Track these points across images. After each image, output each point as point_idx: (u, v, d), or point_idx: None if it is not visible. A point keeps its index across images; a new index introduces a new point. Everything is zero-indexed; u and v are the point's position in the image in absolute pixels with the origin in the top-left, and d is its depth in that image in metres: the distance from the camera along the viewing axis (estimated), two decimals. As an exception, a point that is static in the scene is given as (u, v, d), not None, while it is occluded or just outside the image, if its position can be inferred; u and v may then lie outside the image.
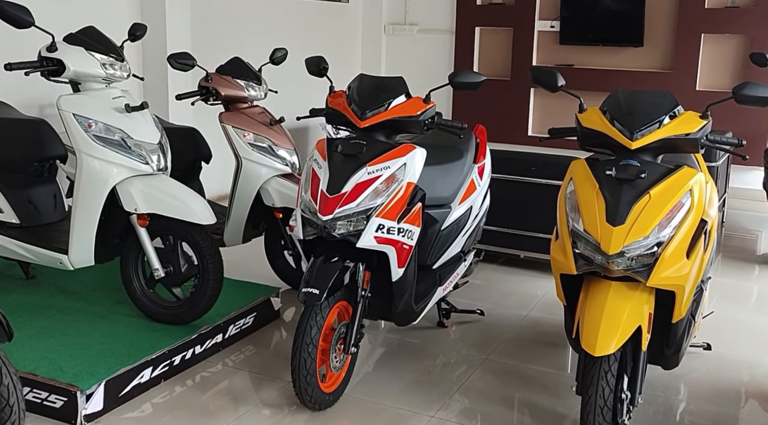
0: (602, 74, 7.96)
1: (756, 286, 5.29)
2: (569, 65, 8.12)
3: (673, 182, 2.91)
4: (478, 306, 4.50)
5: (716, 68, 7.68)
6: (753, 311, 4.76)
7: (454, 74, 3.48)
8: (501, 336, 4.20)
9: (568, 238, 2.96)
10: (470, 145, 4.19)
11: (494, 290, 4.94)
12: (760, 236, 6.52)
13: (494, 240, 5.27)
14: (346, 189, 3.19)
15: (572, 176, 3.09)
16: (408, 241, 3.32)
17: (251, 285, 4.38)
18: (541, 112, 8.35)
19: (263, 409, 3.35)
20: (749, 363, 3.95)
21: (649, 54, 7.90)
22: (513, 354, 4.00)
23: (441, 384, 3.63)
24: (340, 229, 3.18)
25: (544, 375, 3.77)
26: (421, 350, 4.02)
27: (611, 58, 8.03)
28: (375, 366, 3.83)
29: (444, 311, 4.30)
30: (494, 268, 5.33)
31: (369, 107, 3.35)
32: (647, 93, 3.10)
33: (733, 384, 3.73)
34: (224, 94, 4.52)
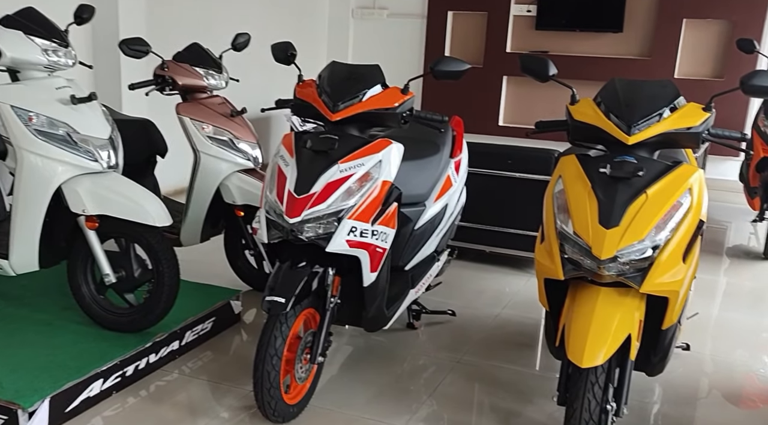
0: (579, 61, 7.87)
1: (725, 279, 5.25)
2: (544, 52, 8.02)
3: (672, 180, 2.78)
4: (449, 306, 4.38)
5: (696, 55, 7.62)
6: (726, 308, 4.72)
7: (436, 63, 3.31)
8: (472, 336, 4.08)
9: (556, 241, 2.82)
10: (447, 138, 4.05)
11: (466, 288, 4.82)
12: (729, 228, 6.50)
13: (465, 236, 5.14)
14: (316, 189, 3.02)
15: (561, 174, 2.95)
16: (382, 244, 3.16)
17: (210, 288, 4.20)
18: (512, 101, 8.24)
19: (222, 421, 3.18)
20: (728, 364, 3.89)
21: (628, 40, 7.82)
22: (485, 355, 3.87)
23: (411, 391, 3.50)
24: (309, 232, 3.01)
25: (518, 378, 3.65)
26: (390, 354, 3.88)
27: (589, 44, 7.94)
28: (341, 372, 3.68)
29: (414, 313, 4.16)
30: (464, 265, 5.20)
31: (342, 98, 3.18)
32: (647, 83, 2.96)
33: (712, 386, 3.66)
34: (181, 83, 4.31)
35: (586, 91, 7.08)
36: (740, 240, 6.22)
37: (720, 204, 6.96)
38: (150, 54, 4.30)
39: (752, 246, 5.96)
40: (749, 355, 4.01)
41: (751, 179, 5.76)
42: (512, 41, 8.19)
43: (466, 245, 5.19)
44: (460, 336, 4.09)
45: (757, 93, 2.90)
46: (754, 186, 5.71)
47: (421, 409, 3.34)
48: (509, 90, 8.22)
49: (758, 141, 5.48)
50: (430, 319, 4.26)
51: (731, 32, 7.32)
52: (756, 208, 5.75)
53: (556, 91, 7.86)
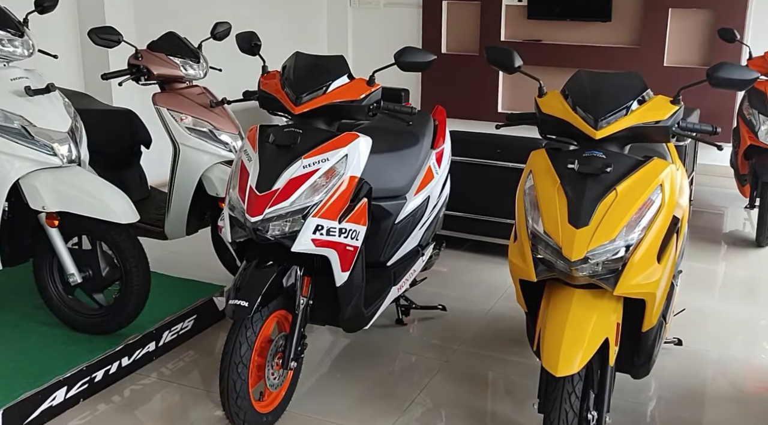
0: (570, 50, 7.48)
1: (722, 268, 4.84)
2: (537, 40, 7.63)
3: (642, 176, 2.45)
4: (441, 299, 4.02)
5: (684, 43, 7.22)
6: (720, 299, 4.32)
7: (400, 53, 2.96)
8: (463, 334, 3.72)
9: (527, 240, 2.49)
10: (428, 129, 3.70)
11: (459, 280, 4.47)
12: (726, 213, 6.11)
13: (459, 226, 4.83)
14: (278, 185, 2.69)
15: (531, 169, 2.62)
16: (352, 242, 2.83)
17: (192, 283, 3.87)
18: (511, 87, 7.86)
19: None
20: (721, 359, 3.52)
21: (617, 29, 7.43)
22: (475, 355, 3.51)
23: (396, 395, 3.15)
24: (274, 230, 2.68)
25: (508, 380, 3.30)
26: (376, 352, 3.52)
27: (579, 33, 7.55)
28: (323, 374, 3.34)
29: (403, 308, 3.82)
30: (459, 255, 4.84)
31: (305, 89, 2.84)
32: (613, 75, 2.63)
33: (706, 384, 3.31)
34: (157, 73, 3.96)
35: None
36: (736, 226, 5.83)
37: (715, 190, 6.56)
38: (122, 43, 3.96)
39: (747, 232, 5.59)
40: (743, 349, 3.64)
41: (740, 166, 5.39)
42: (506, 30, 7.78)
43: (457, 234, 4.87)
44: (451, 332, 3.73)
45: (724, 85, 2.58)
46: (743, 174, 5.34)
47: (405, 415, 3.00)
48: (506, 77, 7.81)
49: (744, 129, 5.10)
50: (420, 314, 3.90)
51: (716, 21, 6.93)
52: (746, 195, 5.37)
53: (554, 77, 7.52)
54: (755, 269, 4.76)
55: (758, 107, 4.97)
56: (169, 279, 3.87)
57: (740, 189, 5.52)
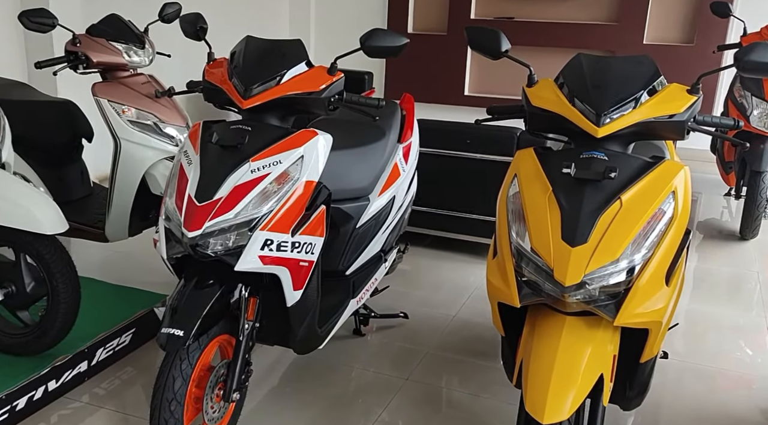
0: (544, 27, 7.15)
1: (701, 264, 4.56)
2: (510, 18, 7.29)
3: (652, 182, 2.10)
4: (403, 304, 3.73)
5: (666, 19, 6.91)
6: (702, 299, 4.03)
7: (367, 36, 2.59)
8: (426, 345, 3.41)
9: (510, 258, 2.14)
10: (394, 121, 3.34)
11: (421, 281, 4.14)
12: (699, 200, 5.83)
13: (421, 221, 4.49)
14: (221, 194, 2.32)
15: (517, 172, 2.27)
16: (307, 256, 2.47)
17: (131, 293, 3.51)
18: (478, 70, 7.50)
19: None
20: (710, 373, 3.25)
21: (593, 5, 7.10)
22: (438, 370, 3.22)
23: (352, 419, 2.85)
24: (215, 246, 2.31)
25: (474, 400, 3.00)
26: (330, 369, 3.20)
27: (554, 10, 7.21)
28: (269, 395, 3.01)
29: (361, 317, 3.49)
30: (421, 252, 4.52)
31: (256, 80, 2.47)
32: (619, 60, 2.28)
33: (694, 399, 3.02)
34: (96, 60, 3.57)
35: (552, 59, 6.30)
36: (712, 214, 5.56)
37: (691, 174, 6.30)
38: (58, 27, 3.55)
39: (725, 222, 5.32)
40: (732, 359, 3.38)
41: (726, 153, 5.09)
42: (476, 8, 7.42)
43: (419, 230, 4.54)
44: (413, 344, 3.42)
45: (757, 70, 2.20)
46: (729, 161, 5.03)
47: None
48: (474, 58, 7.46)
49: (734, 112, 4.79)
50: (380, 323, 3.59)
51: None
52: (731, 183, 5.09)
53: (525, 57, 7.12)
54: (739, 266, 4.50)
55: (752, 89, 4.64)
56: (107, 288, 3.51)
57: (724, 177, 5.23)
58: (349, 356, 3.30)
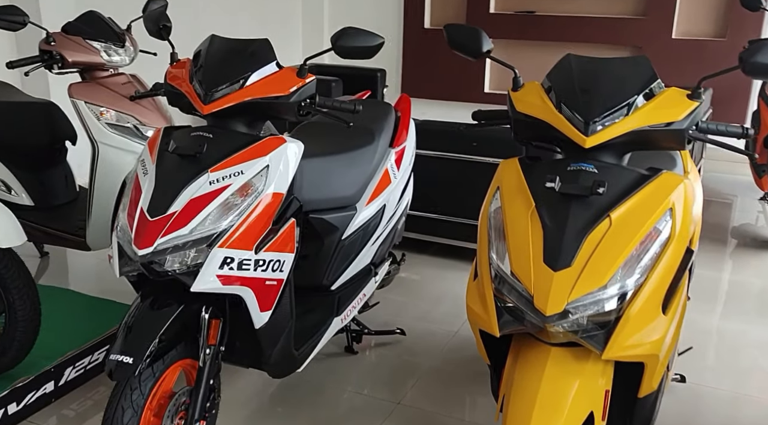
0: (568, 22, 6.88)
1: (732, 276, 4.27)
2: (531, 12, 7.04)
3: (645, 198, 1.89)
4: (400, 319, 3.53)
5: (696, 12, 6.60)
6: (731, 317, 3.73)
7: (338, 36, 2.39)
8: (422, 366, 3.20)
9: (489, 282, 1.94)
10: (386, 123, 3.15)
11: (422, 292, 3.93)
12: (735, 204, 5.55)
13: (425, 228, 4.29)
14: (176, 208, 2.14)
15: (499, 185, 2.07)
16: (275, 275, 2.29)
17: (108, 305, 3.36)
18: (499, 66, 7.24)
19: None
20: (732, 399, 2.99)
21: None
22: (434, 393, 2.99)
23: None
24: (172, 264, 2.14)
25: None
26: (316, 392, 2.99)
27: (578, 3, 6.93)
28: (249, 420, 2.82)
29: (354, 334, 3.29)
30: (424, 261, 4.31)
31: (218, 83, 2.29)
32: (611, 62, 2.07)
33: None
34: (72, 60, 3.42)
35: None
36: (747, 219, 5.27)
37: (724, 176, 6.02)
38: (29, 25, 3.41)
39: (761, 228, 5.03)
40: (758, 383, 3.11)
41: (759, 155, 4.79)
42: (496, 1, 7.18)
43: (422, 237, 4.34)
44: (408, 364, 3.21)
45: (764, 73, 1.98)
46: (762, 164, 4.74)
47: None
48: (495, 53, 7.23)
49: (766, 112, 4.51)
50: (374, 339, 3.38)
51: (734, -13, 6.31)
52: (764, 188, 4.80)
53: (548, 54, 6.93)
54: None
55: None
56: (81, 300, 3.36)
57: (757, 181, 4.93)
58: (338, 376, 3.11)
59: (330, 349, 3.23)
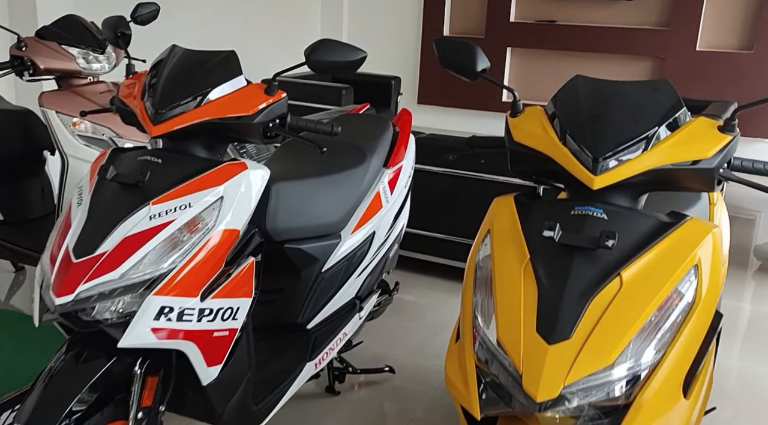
0: (589, 32, 6.43)
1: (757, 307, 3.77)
2: (552, 21, 6.59)
3: (665, 252, 1.49)
4: (391, 352, 3.12)
5: (723, 24, 6.11)
6: (756, 356, 3.25)
7: (312, 49, 1.98)
8: (411, 408, 2.78)
9: (471, 350, 1.54)
10: (381, 141, 2.73)
11: (422, 318, 3.51)
12: (758, 219, 5.06)
13: (434, 249, 3.88)
14: (106, 247, 1.74)
15: (490, 228, 1.67)
16: (225, 325, 1.89)
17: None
18: (517, 76, 6.83)
19: None
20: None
21: (643, 8, 6.35)
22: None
23: None
24: (99, 313, 1.75)
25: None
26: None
27: (600, 12, 6.48)
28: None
29: (337, 372, 2.88)
30: (431, 283, 3.89)
31: (169, 101, 1.90)
32: (628, 85, 1.66)
33: None
34: (43, 66, 3.06)
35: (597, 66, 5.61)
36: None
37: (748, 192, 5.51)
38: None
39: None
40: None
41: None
42: (516, 10, 6.75)
43: (433, 258, 3.93)
44: (395, 407, 2.80)
45: None
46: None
47: None
48: (514, 63, 6.81)
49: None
50: (360, 378, 2.98)
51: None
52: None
53: (568, 64, 6.51)
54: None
55: None
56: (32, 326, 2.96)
57: None
58: (315, 421, 2.71)
59: (309, 389, 2.83)
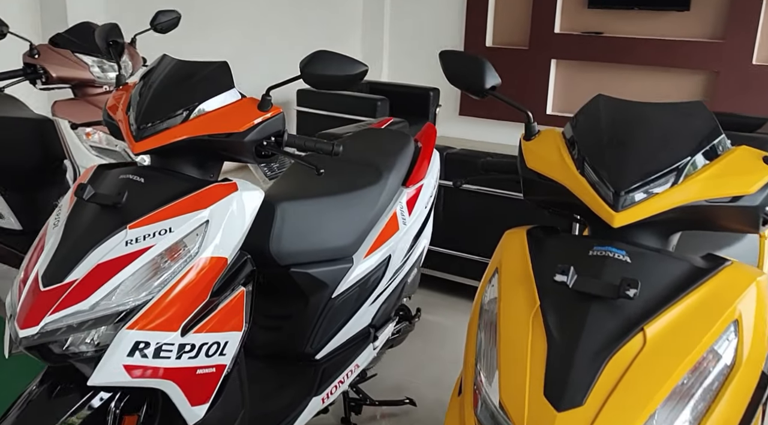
0: (638, 44, 6.11)
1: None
2: (598, 33, 6.29)
3: (699, 303, 1.24)
4: (414, 380, 2.89)
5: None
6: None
7: (308, 61, 1.76)
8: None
9: (471, 409, 1.31)
10: (400, 158, 2.52)
11: (447, 344, 3.25)
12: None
13: (468, 270, 3.66)
14: (76, 275, 1.56)
15: (498, 266, 1.44)
16: (211, 361, 1.69)
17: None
18: (562, 87, 6.54)
19: None
20: None
21: (696, 19, 6.00)
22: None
23: None
24: (76, 344, 1.57)
25: None
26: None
27: (649, 24, 6.16)
28: None
29: (352, 403, 2.67)
30: (455, 304, 3.64)
31: (153, 116, 1.71)
32: (657, 108, 1.41)
33: None
34: (56, 75, 2.93)
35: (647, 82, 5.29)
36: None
37: None
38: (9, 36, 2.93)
39: None
40: None
41: None
42: (562, 21, 6.46)
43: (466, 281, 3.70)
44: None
45: None
46: None
47: None
48: (559, 75, 6.52)
49: None
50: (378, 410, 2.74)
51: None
52: None
53: (615, 78, 6.20)
54: None
55: None
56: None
57: None
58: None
59: (323, 421, 2.62)
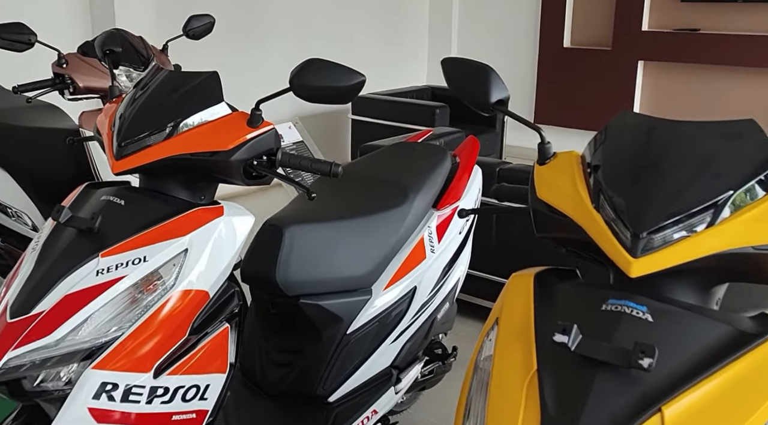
0: (739, 42, 5.76)
1: None
2: (694, 30, 5.98)
3: (740, 379, 1.08)
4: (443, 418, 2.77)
5: None
6: None
7: (298, 71, 1.68)
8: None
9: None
10: (432, 176, 2.41)
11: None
12: None
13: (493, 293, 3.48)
14: (43, 307, 1.53)
15: (499, 318, 1.33)
16: (188, 406, 1.63)
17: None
18: (651, 92, 6.26)
19: None
20: None
21: (805, 13, 5.63)
22: None
23: None
24: (48, 380, 1.55)
25: None
26: None
27: (754, 18, 5.80)
28: None
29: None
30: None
31: (134, 132, 1.69)
32: (695, 127, 1.25)
33: None
34: (83, 85, 2.97)
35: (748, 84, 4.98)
36: None
37: None
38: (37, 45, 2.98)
39: None
40: None
41: None
42: (651, 17, 6.17)
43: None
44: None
45: None
46: None
47: None
48: (647, 78, 6.24)
49: None
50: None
51: None
52: None
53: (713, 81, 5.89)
54: None
55: None
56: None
57: None
58: None
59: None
